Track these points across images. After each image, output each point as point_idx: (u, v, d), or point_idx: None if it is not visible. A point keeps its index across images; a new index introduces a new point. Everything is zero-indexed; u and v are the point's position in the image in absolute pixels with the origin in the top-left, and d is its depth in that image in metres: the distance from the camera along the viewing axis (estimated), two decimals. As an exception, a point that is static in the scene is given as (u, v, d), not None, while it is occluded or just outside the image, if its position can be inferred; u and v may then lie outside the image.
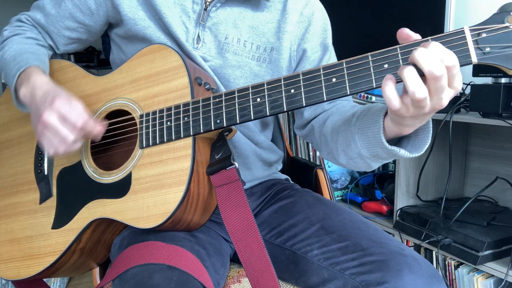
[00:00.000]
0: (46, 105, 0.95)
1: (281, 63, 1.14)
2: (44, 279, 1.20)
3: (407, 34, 0.78)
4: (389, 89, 0.75)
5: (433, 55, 0.72)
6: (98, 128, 0.98)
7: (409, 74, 0.73)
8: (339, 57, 0.86)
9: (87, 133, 0.97)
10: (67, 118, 0.94)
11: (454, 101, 1.87)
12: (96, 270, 1.22)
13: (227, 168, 0.92)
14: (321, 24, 1.18)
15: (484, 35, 0.75)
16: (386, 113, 0.87)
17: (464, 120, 1.79)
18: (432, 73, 0.72)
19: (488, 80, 1.82)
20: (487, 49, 0.75)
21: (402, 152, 0.86)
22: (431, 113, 0.79)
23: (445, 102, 0.76)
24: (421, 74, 0.73)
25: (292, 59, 1.15)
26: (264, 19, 1.13)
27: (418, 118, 0.80)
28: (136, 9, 1.09)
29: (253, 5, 1.12)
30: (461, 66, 0.76)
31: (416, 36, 0.78)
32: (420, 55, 0.72)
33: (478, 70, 1.75)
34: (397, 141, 0.92)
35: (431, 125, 0.86)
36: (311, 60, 1.17)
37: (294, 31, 1.14)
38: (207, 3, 1.09)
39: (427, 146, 0.86)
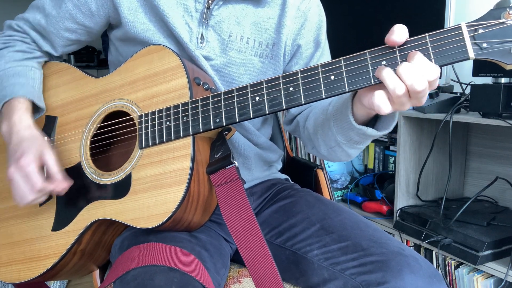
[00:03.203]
0: (13, 160, 0.99)
1: (280, 57, 1.15)
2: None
3: (393, 41, 0.79)
4: (378, 97, 0.80)
5: (416, 71, 0.77)
6: (60, 188, 1.00)
7: (388, 74, 0.78)
8: (338, 55, 0.86)
9: (49, 192, 1.01)
10: (28, 179, 0.97)
11: (454, 101, 1.88)
12: (96, 272, 1.22)
13: (227, 167, 0.92)
14: (316, 20, 1.18)
15: (481, 30, 0.76)
16: (355, 96, 0.91)
17: (464, 120, 1.80)
18: (414, 88, 0.77)
19: (488, 80, 1.82)
20: (484, 45, 0.76)
21: (370, 130, 0.91)
22: None
23: (423, 102, 0.81)
24: None
25: (286, 54, 1.16)
26: (266, 15, 1.13)
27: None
28: (136, 11, 1.08)
29: (254, 1, 1.12)
30: (458, 62, 0.77)
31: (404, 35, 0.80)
32: (403, 70, 0.77)
33: (478, 70, 1.75)
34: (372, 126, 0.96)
35: None
36: (304, 56, 1.18)
37: (291, 25, 1.14)
38: (210, 1, 1.09)
39: (394, 123, 0.92)
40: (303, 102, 0.86)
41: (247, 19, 1.12)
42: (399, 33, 0.78)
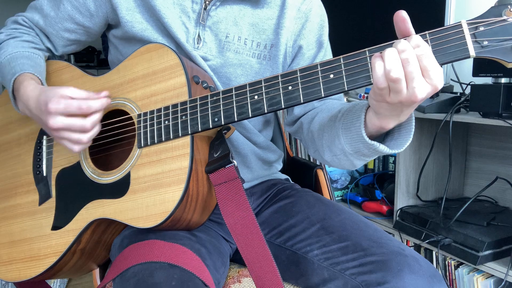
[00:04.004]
0: (44, 114, 0.96)
1: (279, 59, 1.14)
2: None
3: (403, 17, 0.78)
4: (379, 66, 0.77)
5: (407, 43, 0.75)
6: (102, 101, 0.98)
7: (389, 52, 0.76)
8: (339, 53, 0.85)
9: (97, 110, 0.97)
10: (70, 112, 0.94)
11: (454, 101, 1.87)
12: (96, 271, 1.22)
13: (226, 166, 0.92)
14: (318, 20, 1.17)
15: (481, 28, 0.75)
16: (368, 108, 0.88)
17: (464, 120, 1.79)
18: (401, 54, 0.75)
19: (488, 80, 1.82)
20: (485, 43, 0.75)
21: (382, 147, 0.88)
22: (408, 107, 0.80)
23: (418, 93, 0.76)
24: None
25: (287, 55, 1.15)
26: (264, 16, 1.13)
27: (395, 108, 0.81)
28: (133, 11, 1.08)
29: (252, 2, 1.12)
30: (459, 60, 0.76)
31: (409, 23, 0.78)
32: (398, 41, 0.77)
33: (478, 70, 1.74)
34: (382, 140, 0.93)
35: (413, 124, 0.88)
36: (306, 57, 1.17)
37: (291, 26, 1.13)
38: (207, 2, 1.08)
39: (408, 143, 0.88)
40: (302, 101, 0.85)
41: (245, 19, 1.11)
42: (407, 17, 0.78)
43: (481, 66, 1.73)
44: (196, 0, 1.08)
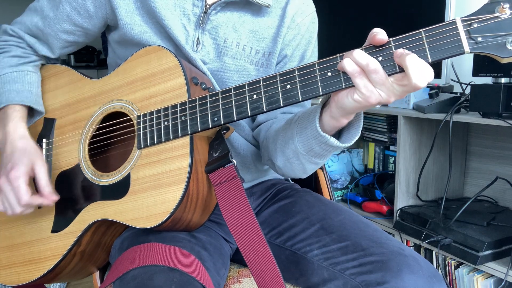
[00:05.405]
0: (4, 172, 1.02)
1: (273, 66, 1.16)
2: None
3: (380, 39, 0.79)
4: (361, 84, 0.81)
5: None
6: (46, 203, 1.03)
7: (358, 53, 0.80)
8: (335, 52, 0.86)
9: (37, 206, 1.04)
10: (16, 192, 1.00)
11: (454, 101, 1.88)
12: (96, 274, 1.21)
13: (226, 166, 0.92)
14: (307, 36, 1.18)
15: (475, 25, 0.76)
16: (324, 108, 0.91)
17: (464, 120, 1.80)
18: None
19: (488, 80, 1.82)
20: (479, 39, 0.76)
21: (332, 140, 0.90)
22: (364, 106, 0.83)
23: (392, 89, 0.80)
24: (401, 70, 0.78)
25: (277, 61, 1.16)
26: (265, 24, 1.13)
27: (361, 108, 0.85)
28: (132, 13, 1.08)
29: (253, 10, 1.12)
30: (454, 56, 0.78)
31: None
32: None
33: (478, 70, 1.75)
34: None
35: (362, 120, 0.91)
36: (286, 67, 1.17)
37: (285, 35, 1.14)
38: (208, 6, 1.08)
39: (357, 137, 0.92)
40: (300, 99, 0.86)
41: (244, 26, 1.12)
42: (381, 31, 0.79)
43: (481, 66, 1.73)
44: (197, 4, 1.08)
